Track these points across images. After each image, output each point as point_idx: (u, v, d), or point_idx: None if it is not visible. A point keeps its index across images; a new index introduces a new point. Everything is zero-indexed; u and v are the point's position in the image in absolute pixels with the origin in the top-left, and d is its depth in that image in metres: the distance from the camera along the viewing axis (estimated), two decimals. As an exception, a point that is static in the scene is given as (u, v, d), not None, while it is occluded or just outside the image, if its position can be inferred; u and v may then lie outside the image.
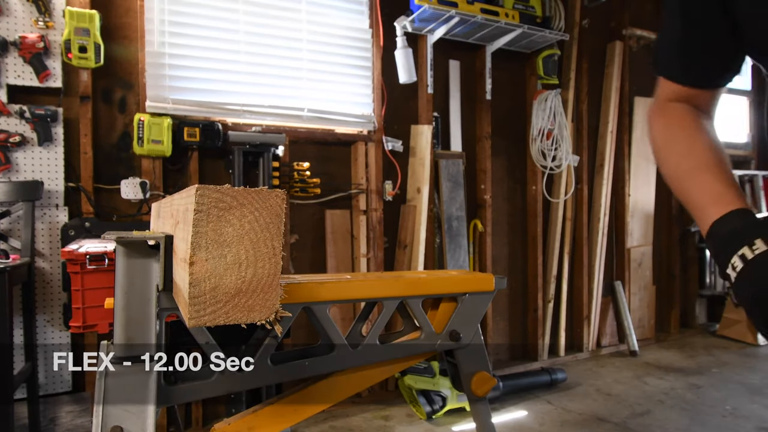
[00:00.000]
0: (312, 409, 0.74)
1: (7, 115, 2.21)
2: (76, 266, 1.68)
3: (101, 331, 1.74)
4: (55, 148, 2.29)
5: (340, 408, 2.75)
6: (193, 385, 0.66)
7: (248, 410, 0.73)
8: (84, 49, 2.22)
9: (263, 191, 0.49)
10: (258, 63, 2.72)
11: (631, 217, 3.95)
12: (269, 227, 0.49)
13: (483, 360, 0.87)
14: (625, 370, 3.45)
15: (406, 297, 0.79)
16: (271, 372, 0.69)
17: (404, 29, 2.98)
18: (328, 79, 2.88)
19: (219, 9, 2.62)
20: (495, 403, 2.82)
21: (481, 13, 2.98)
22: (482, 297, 0.86)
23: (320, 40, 2.87)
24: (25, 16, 2.24)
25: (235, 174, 2.49)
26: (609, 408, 2.80)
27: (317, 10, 2.86)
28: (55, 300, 2.29)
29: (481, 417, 0.88)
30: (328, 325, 0.72)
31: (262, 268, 0.49)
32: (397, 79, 2.99)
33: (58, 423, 2.27)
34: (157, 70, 2.48)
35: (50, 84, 2.27)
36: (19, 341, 2.16)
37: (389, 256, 3.08)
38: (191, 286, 0.45)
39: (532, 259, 3.58)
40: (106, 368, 0.58)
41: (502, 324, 3.54)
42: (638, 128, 3.95)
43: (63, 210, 2.31)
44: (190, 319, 0.46)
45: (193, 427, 2.51)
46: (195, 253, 0.46)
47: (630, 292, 3.97)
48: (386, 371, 0.79)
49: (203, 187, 0.46)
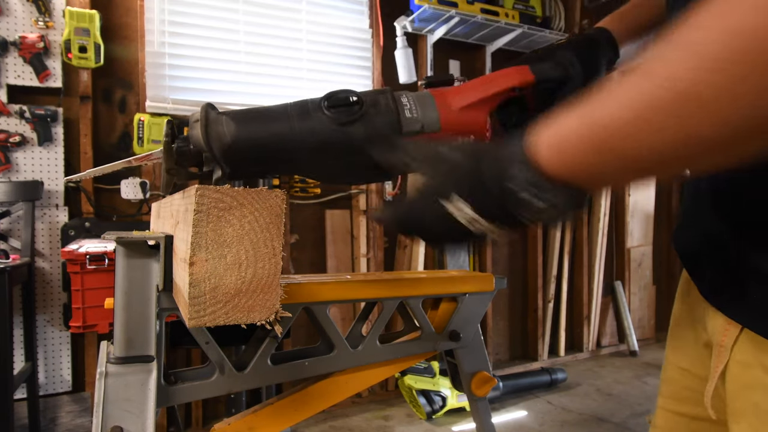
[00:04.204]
0: (312, 409, 0.74)
1: (7, 115, 2.21)
2: (76, 266, 1.68)
3: (101, 331, 1.75)
4: (55, 148, 2.29)
5: (340, 408, 2.75)
6: (193, 385, 0.66)
7: (248, 410, 0.73)
8: (84, 49, 2.22)
9: (263, 191, 0.49)
10: (258, 63, 2.72)
11: (631, 217, 3.95)
12: (269, 227, 0.49)
13: (483, 360, 0.87)
14: (625, 370, 3.45)
15: (406, 297, 0.79)
16: (271, 372, 0.69)
17: (404, 29, 2.98)
18: (328, 79, 2.88)
19: (219, 9, 2.62)
20: (495, 403, 2.82)
21: (481, 13, 2.98)
22: (482, 297, 0.86)
23: (320, 40, 2.87)
24: (25, 16, 2.24)
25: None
26: (609, 408, 2.80)
27: (317, 10, 2.86)
28: (55, 300, 2.30)
29: (481, 417, 0.88)
30: (328, 325, 0.72)
31: (262, 268, 0.49)
32: (397, 79, 2.99)
33: (58, 423, 2.27)
34: (157, 70, 2.48)
35: (50, 84, 2.27)
36: (19, 341, 2.16)
37: (389, 256, 3.08)
38: (191, 286, 0.45)
39: (532, 259, 3.58)
40: (106, 368, 0.58)
41: (502, 324, 3.54)
42: (638, 128, 3.95)
43: (63, 210, 2.31)
44: (190, 319, 0.46)
45: (193, 427, 2.51)
46: (195, 254, 0.46)
47: (630, 292, 3.97)
48: (386, 371, 0.79)
49: (203, 188, 0.46)
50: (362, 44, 2.98)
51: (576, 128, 0.37)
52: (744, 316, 0.46)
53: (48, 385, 2.29)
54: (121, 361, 0.58)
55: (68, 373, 2.31)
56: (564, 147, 0.38)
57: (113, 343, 0.60)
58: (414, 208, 0.49)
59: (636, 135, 0.33)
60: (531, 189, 0.40)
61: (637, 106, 0.32)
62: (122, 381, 0.58)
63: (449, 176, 0.46)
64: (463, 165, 0.45)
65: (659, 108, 0.31)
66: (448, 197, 0.45)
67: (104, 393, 0.57)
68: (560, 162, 0.39)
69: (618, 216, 3.95)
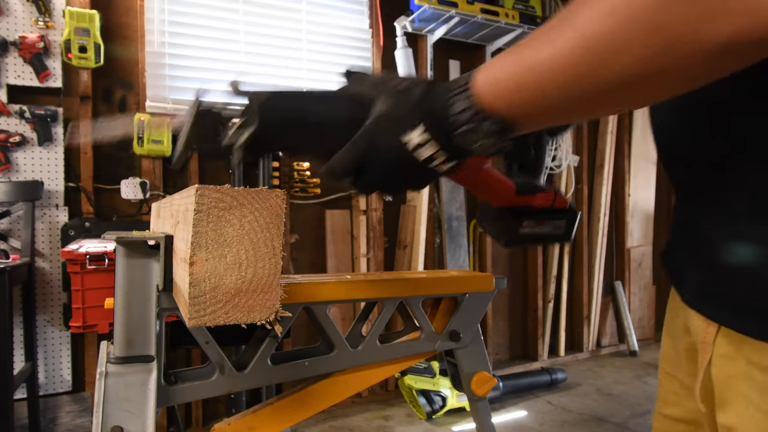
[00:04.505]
0: (312, 409, 0.74)
1: (7, 115, 2.21)
2: (76, 266, 1.68)
3: (101, 331, 1.75)
4: (55, 148, 2.29)
5: (340, 408, 2.75)
6: (193, 385, 0.66)
7: (248, 410, 0.73)
8: (84, 49, 2.22)
9: (263, 191, 0.49)
10: (258, 63, 2.72)
11: (631, 217, 3.95)
12: (269, 227, 0.49)
13: (483, 360, 0.87)
14: (625, 370, 3.45)
15: (406, 297, 0.79)
16: (271, 372, 0.69)
17: (404, 29, 2.98)
18: (328, 79, 2.88)
19: (219, 9, 2.62)
20: (495, 403, 2.82)
21: (481, 13, 2.98)
22: (482, 297, 0.86)
23: (320, 40, 2.87)
24: (25, 16, 2.24)
25: (235, 174, 2.49)
26: (609, 408, 2.80)
27: (317, 10, 2.86)
28: (55, 300, 2.30)
29: (481, 417, 0.88)
30: (328, 325, 0.72)
31: (262, 268, 0.49)
32: (397, 79, 2.99)
33: (58, 423, 2.27)
34: (156, 70, 2.48)
35: (50, 84, 2.27)
36: (19, 341, 2.16)
37: (389, 256, 3.08)
38: (191, 286, 0.45)
39: (532, 259, 3.58)
40: (106, 368, 0.58)
41: (502, 324, 3.54)
42: (638, 128, 3.95)
43: (63, 210, 2.31)
44: (190, 319, 0.46)
45: (193, 427, 2.51)
46: (195, 253, 0.46)
47: (630, 292, 3.97)
48: (386, 371, 0.79)
49: (203, 187, 0.46)
50: (362, 44, 2.98)
51: (508, 67, 0.44)
52: (720, 316, 0.51)
53: (48, 385, 2.28)
54: (121, 361, 0.58)
55: (68, 373, 2.32)
56: (498, 81, 0.45)
57: (113, 343, 0.60)
58: (368, 136, 0.50)
59: (550, 74, 0.40)
60: (470, 116, 0.46)
61: (556, 52, 0.40)
62: (122, 381, 0.58)
63: (405, 102, 0.49)
64: (416, 93, 0.49)
65: (570, 53, 0.39)
66: (404, 122, 0.48)
67: (104, 393, 0.57)
68: (494, 95, 0.45)
69: (618, 216, 3.95)
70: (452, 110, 0.47)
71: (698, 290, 0.56)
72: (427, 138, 0.48)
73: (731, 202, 0.50)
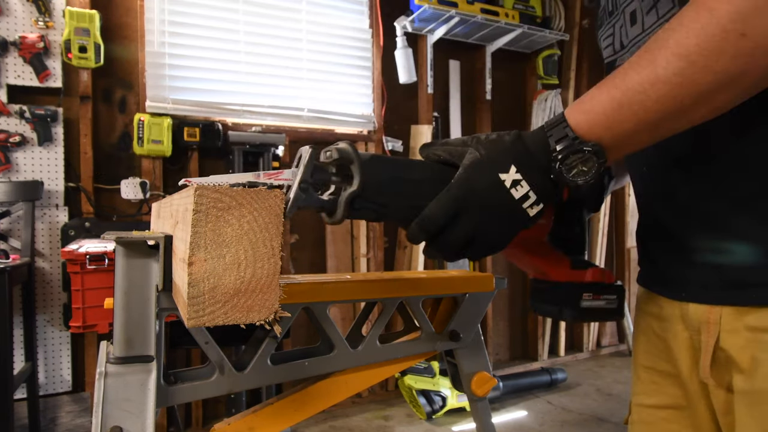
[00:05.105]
0: (312, 409, 0.74)
1: (7, 115, 2.21)
2: (76, 266, 1.68)
3: (101, 331, 1.75)
4: (55, 148, 2.29)
5: (340, 408, 2.75)
6: (193, 385, 0.66)
7: (248, 410, 0.73)
8: (84, 49, 2.22)
9: (262, 191, 0.48)
10: (258, 63, 2.72)
11: (631, 217, 3.95)
12: (268, 227, 0.49)
13: (483, 360, 0.87)
14: (625, 370, 3.45)
15: (406, 297, 0.79)
16: (271, 372, 0.69)
17: (404, 29, 2.98)
18: (328, 79, 2.88)
19: (219, 9, 2.62)
20: (495, 403, 2.82)
21: (481, 13, 2.98)
22: (482, 297, 0.85)
23: (320, 40, 2.87)
24: (25, 16, 2.24)
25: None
26: (609, 408, 2.80)
27: (317, 10, 2.86)
28: (55, 300, 2.30)
29: (481, 417, 0.88)
30: (328, 325, 0.72)
31: (261, 268, 0.49)
32: (397, 79, 2.99)
33: (58, 423, 2.27)
34: (156, 70, 2.48)
35: (50, 84, 2.27)
36: (19, 341, 2.16)
37: (389, 256, 3.08)
38: (190, 286, 0.45)
39: (532, 259, 3.57)
40: (106, 368, 0.58)
41: (502, 324, 3.53)
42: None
43: (63, 210, 2.31)
44: (189, 319, 0.46)
45: (193, 427, 2.51)
46: (194, 254, 0.45)
47: (630, 292, 3.97)
48: (386, 371, 0.79)
49: (202, 187, 0.46)
50: (362, 44, 2.98)
51: (599, 96, 0.49)
52: (721, 299, 0.58)
53: (48, 385, 2.28)
54: (120, 361, 0.58)
55: (68, 373, 2.32)
56: (592, 109, 0.50)
57: (113, 343, 0.60)
58: (464, 181, 0.52)
59: (651, 89, 0.46)
60: (569, 142, 0.50)
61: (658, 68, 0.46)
62: (122, 381, 0.58)
63: (498, 148, 0.52)
64: (507, 139, 0.53)
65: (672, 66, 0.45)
66: (500, 164, 0.51)
67: (104, 393, 0.56)
68: (589, 122, 0.50)
69: (618, 216, 3.95)
70: (551, 142, 0.51)
71: (695, 286, 0.62)
72: (520, 178, 0.51)
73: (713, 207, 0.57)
